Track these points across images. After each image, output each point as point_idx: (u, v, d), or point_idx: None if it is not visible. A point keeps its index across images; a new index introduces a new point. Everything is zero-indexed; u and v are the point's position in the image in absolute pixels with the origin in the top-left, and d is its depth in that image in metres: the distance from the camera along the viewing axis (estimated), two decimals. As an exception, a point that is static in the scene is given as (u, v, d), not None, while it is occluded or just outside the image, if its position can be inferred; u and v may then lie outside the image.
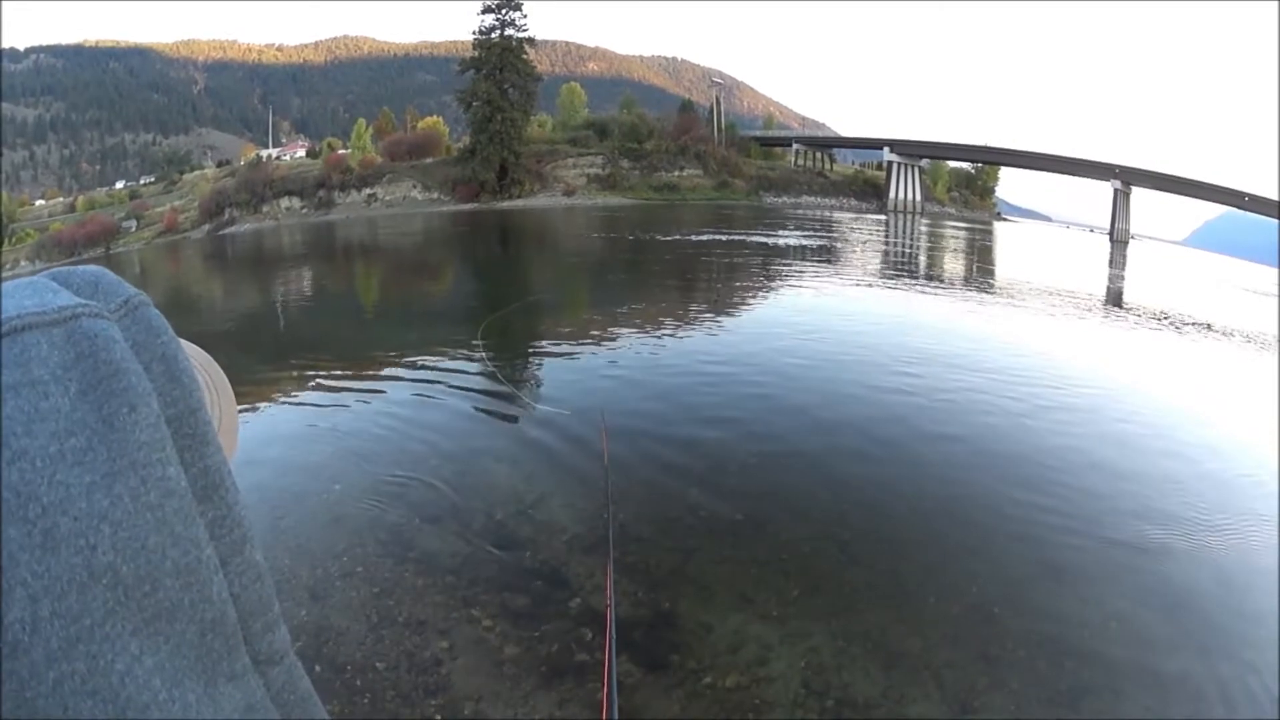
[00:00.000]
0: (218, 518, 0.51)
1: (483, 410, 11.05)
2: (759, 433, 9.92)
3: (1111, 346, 17.86)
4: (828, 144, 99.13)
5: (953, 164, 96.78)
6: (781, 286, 24.03)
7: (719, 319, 17.95)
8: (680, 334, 15.87)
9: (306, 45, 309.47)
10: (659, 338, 15.36)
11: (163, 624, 0.45)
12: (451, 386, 12.10)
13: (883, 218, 69.82)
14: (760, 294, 22.42)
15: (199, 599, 0.48)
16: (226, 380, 0.78)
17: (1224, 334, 21.46)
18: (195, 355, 0.74)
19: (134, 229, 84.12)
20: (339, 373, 13.09)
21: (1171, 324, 22.38)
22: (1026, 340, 16.92)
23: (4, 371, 0.42)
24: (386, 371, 13.01)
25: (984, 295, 25.06)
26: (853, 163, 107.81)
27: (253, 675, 0.52)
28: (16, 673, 0.38)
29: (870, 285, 25.80)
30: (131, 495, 0.45)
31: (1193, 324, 22.64)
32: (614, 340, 15.04)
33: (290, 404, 11.47)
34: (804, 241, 39.28)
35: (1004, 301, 23.61)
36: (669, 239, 38.40)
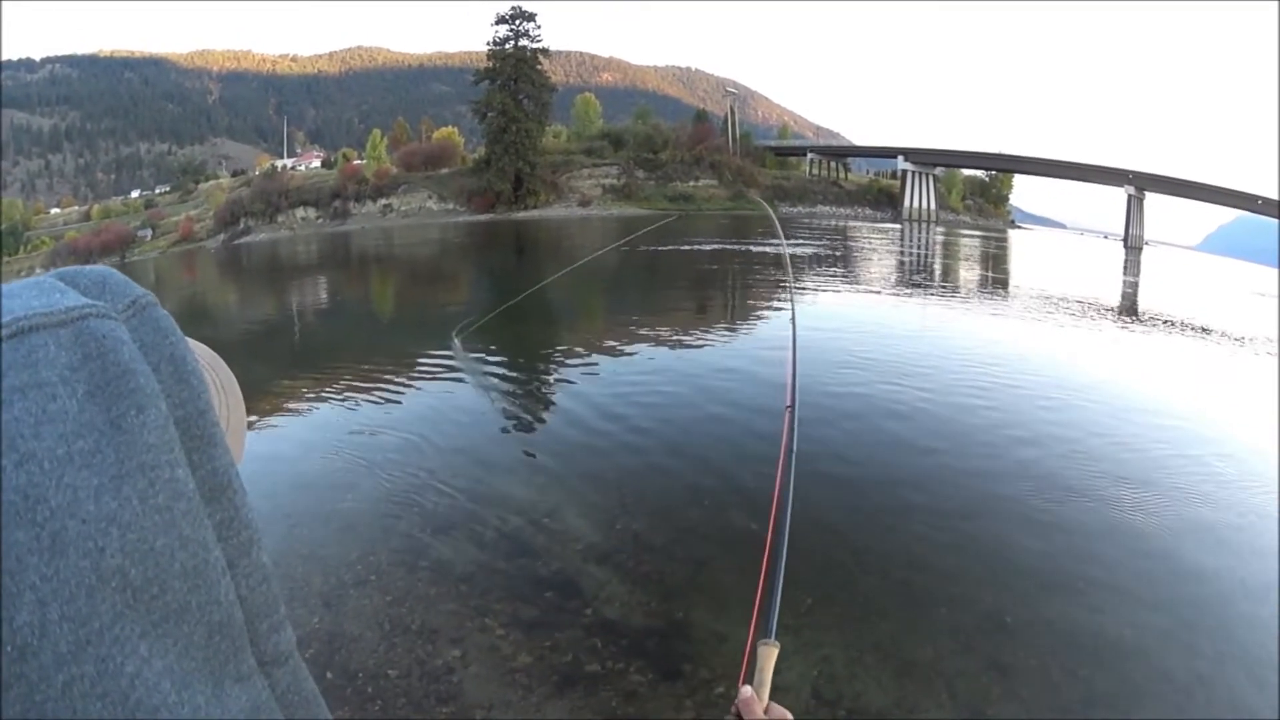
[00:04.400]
0: (225, 519, 0.51)
1: (497, 418, 11.10)
2: (772, 443, 9.89)
3: (1130, 355, 17.79)
4: (842, 153, 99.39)
5: (967, 172, 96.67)
6: (796, 294, 23.98)
7: (731, 326, 18.00)
8: (691, 342, 15.89)
9: (321, 55, 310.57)
10: (670, 347, 15.44)
11: (171, 626, 0.45)
12: (465, 395, 12.17)
13: (898, 226, 69.76)
14: (773, 302, 22.36)
15: (206, 601, 0.48)
16: (235, 380, 0.78)
17: (1238, 339, 21.34)
18: (203, 355, 0.74)
19: (149, 238, 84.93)
20: (353, 381, 13.14)
21: (1187, 330, 22.27)
22: (1043, 349, 16.89)
23: (11, 373, 0.42)
24: (400, 380, 13.06)
25: (999, 304, 25.04)
26: (867, 172, 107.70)
27: (259, 676, 0.52)
28: (26, 676, 0.38)
29: (887, 293, 25.81)
30: (140, 498, 0.45)
31: (1207, 330, 22.52)
32: (624, 349, 15.09)
33: (303, 412, 11.53)
34: (818, 251, 39.23)
35: (1019, 310, 23.51)
36: (688, 249, 38.37)
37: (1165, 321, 23.73)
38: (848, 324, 18.40)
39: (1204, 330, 22.06)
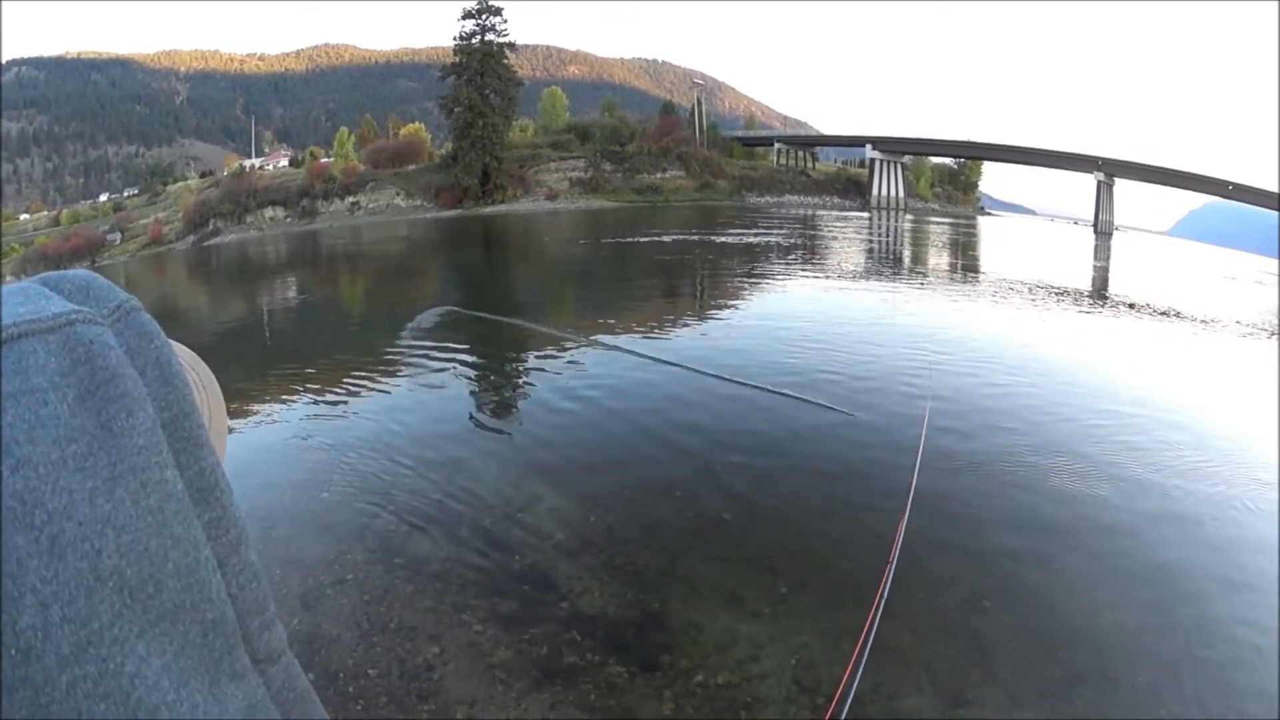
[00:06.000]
0: (213, 519, 0.52)
1: (468, 415, 11.09)
2: (743, 432, 9.94)
3: (1097, 335, 17.91)
4: (810, 143, 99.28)
5: (936, 160, 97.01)
6: (762, 286, 24.05)
7: (698, 319, 17.98)
8: (662, 334, 15.97)
9: (288, 54, 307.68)
10: (639, 339, 15.47)
11: (167, 625, 0.45)
12: (437, 391, 12.15)
13: (866, 215, 69.93)
14: (742, 293, 22.40)
15: (200, 599, 0.48)
16: (215, 380, 0.78)
17: (1210, 321, 21.46)
18: (183, 355, 0.73)
19: (119, 241, 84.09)
20: (324, 380, 13.14)
21: (1156, 313, 22.38)
22: (1018, 333, 17.02)
23: (3, 380, 0.43)
24: (371, 378, 13.07)
25: (968, 288, 25.15)
26: (835, 161, 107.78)
27: (253, 674, 0.52)
28: (31, 679, 0.38)
29: (857, 281, 25.87)
30: (132, 499, 0.45)
31: (1177, 314, 22.65)
32: (591, 343, 15.15)
33: (276, 413, 11.47)
34: (784, 240, 39.31)
35: (989, 295, 23.61)
36: (652, 240, 38.34)
37: (1161, 311, 23.80)
38: (814, 314, 18.47)
39: (1205, 321, 22.05)
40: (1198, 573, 6.89)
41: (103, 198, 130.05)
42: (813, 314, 18.41)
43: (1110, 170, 72.65)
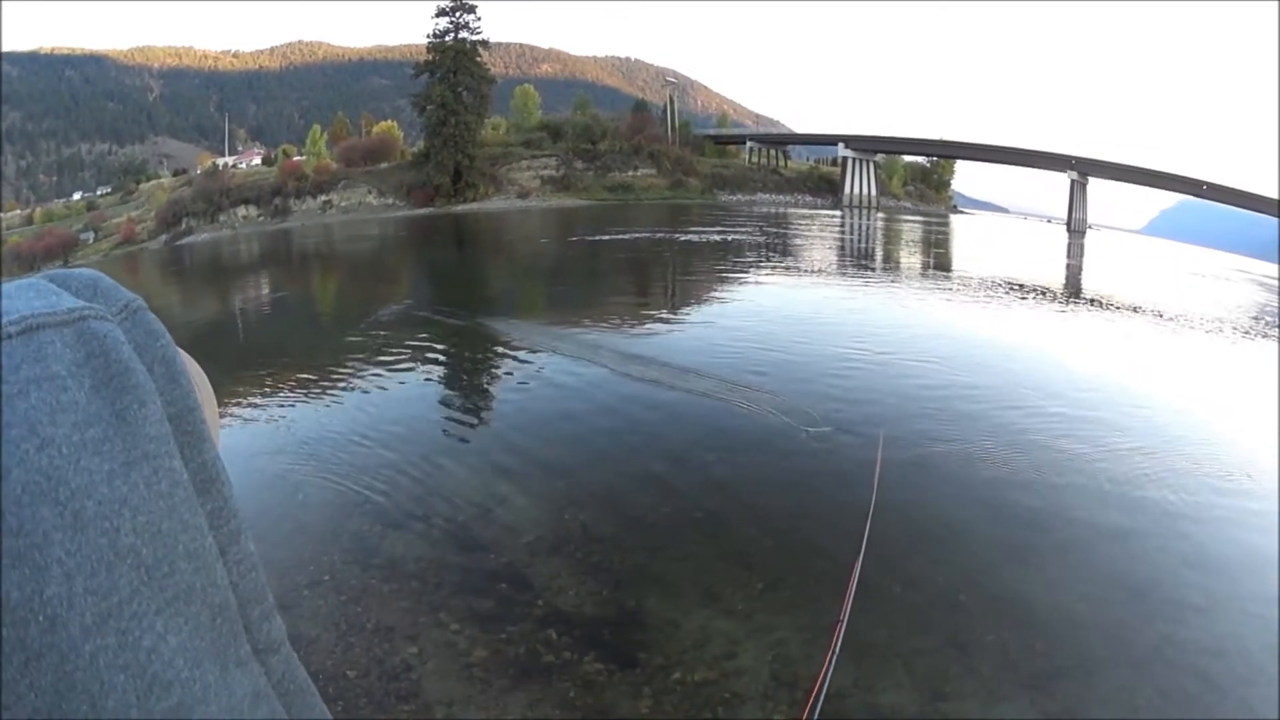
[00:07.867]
0: (215, 509, 0.53)
1: (441, 414, 11.09)
2: (712, 431, 9.96)
3: (1063, 331, 18.00)
4: (782, 141, 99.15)
5: (908, 158, 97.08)
6: (729, 284, 24.03)
7: (671, 318, 18.04)
8: (631, 333, 16.05)
9: (262, 51, 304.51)
10: (604, 336, 15.55)
11: (181, 605, 0.47)
12: (409, 390, 12.16)
13: (838, 213, 70.04)
14: (707, 292, 22.38)
15: (208, 583, 0.50)
16: (206, 379, 0.75)
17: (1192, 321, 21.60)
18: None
19: (92, 241, 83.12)
20: (297, 380, 13.08)
21: (1123, 309, 22.51)
22: (989, 330, 17.10)
23: (24, 366, 0.44)
24: (343, 377, 13.08)
25: (943, 287, 25.21)
26: (807, 159, 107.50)
27: (255, 663, 0.54)
28: (56, 645, 0.39)
29: (828, 279, 25.95)
30: (146, 483, 0.47)
31: (1143, 310, 22.79)
32: (555, 342, 15.01)
33: (249, 413, 11.40)
34: (753, 238, 39.28)
35: (967, 294, 23.69)
36: (616, 238, 38.27)
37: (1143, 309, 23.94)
38: (783, 311, 18.48)
39: (1172, 317, 22.19)
40: (1179, 566, 6.95)
41: (76, 196, 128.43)
42: (776, 314, 18.31)
43: (1084, 169, 72.90)
